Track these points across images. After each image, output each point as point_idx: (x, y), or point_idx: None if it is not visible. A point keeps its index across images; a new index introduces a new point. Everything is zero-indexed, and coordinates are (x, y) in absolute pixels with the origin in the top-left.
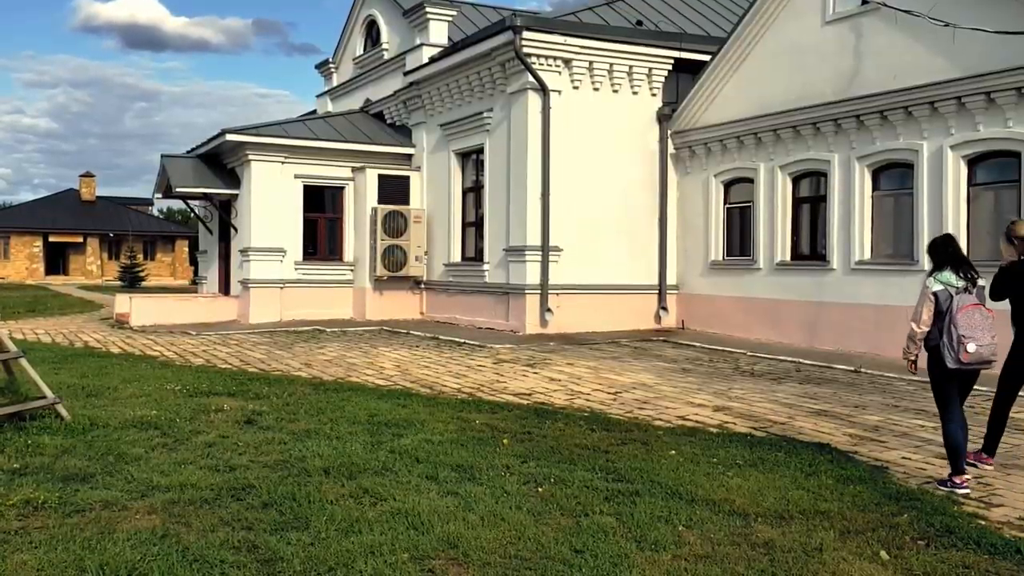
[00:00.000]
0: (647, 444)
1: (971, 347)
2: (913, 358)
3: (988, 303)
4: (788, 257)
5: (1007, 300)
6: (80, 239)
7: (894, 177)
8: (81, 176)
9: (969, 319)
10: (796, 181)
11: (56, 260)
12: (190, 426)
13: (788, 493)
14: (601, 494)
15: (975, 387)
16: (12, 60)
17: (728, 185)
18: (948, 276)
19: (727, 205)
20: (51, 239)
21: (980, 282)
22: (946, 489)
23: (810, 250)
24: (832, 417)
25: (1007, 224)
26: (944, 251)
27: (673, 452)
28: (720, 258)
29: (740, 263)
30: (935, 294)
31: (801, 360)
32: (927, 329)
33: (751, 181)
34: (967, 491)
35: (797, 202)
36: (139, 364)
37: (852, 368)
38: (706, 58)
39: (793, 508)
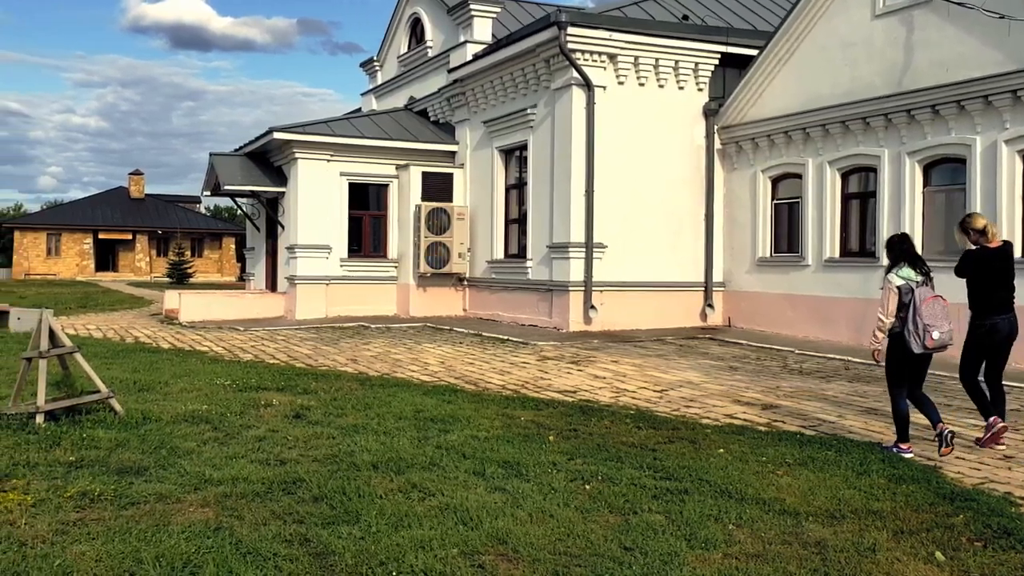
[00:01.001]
0: (695, 442)
1: (935, 334)
2: (880, 346)
3: (938, 292)
4: (837, 253)
5: (961, 294)
6: (129, 236)
7: (945, 172)
8: (130, 174)
9: (932, 310)
10: (845, 177)
11: (106, 257)
12: (240, 420)
13: (839, 492)
14: (649, 492)
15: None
16: (63, 60)
17: (776, 181)
18: (907, 271)
19: (775, 201)
20: (101, 236)
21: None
22: (894, 451)
23: (859, 246)
24: (883, 416)
25: (963, 217)
26: (901, 248)
27: (721, 450)
28: (767, 254)
29: (788, 260)
30: (898, 288)
31: (850, 358)
32: (893, 320)
33: (799, 177)
34: (911, 455)
35: (846, 198)
36: (189, 359)
37: None
38: (753, 52)
39: (845, 507)
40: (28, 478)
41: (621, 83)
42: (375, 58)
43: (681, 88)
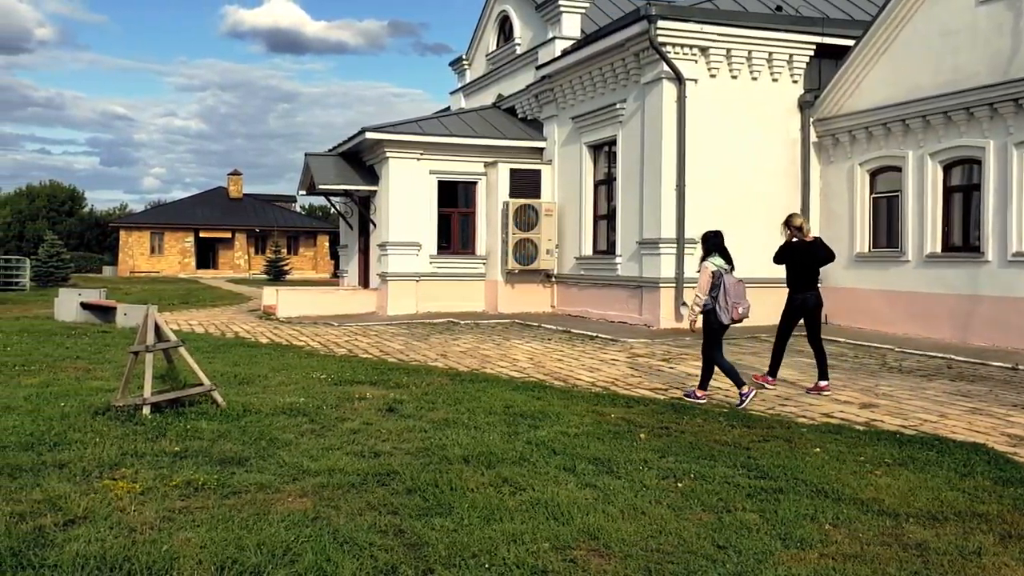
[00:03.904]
0: (790, 441)
1: (740, 309)
2: (694, 319)
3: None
4: (939, 248)
5: (783, 270)
6: (228, 234)
7: None
8: (229, 174)
9: (736, 290)
10: (947, 169)
11: (206, 254)
12: (336, 413)
13: (941, 494)
14: (743, 491)
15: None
16: (165, 65)
17: (874, 174)
18: (719, 260)
19: (873, 195)
20: (202, 235)
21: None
22: (691, 400)
23: (963, 241)
24: (988, 416)
25: (787, 216)
26: (714, 243)
27: (817, 450)
28: (865, 250)
29: (887, 255)
30: (713, 272)
31: (952, 356)
32: (707, 298)
33: (899, 170)
34: (702, 401)
35: (948, 191)
36: (286, 353)
37: (1009, 365)
38: (850, 43)
39: (947, 509)
40: (136, 467)
41: (713, 76)
42: (464, 57)
43: (775, 80)
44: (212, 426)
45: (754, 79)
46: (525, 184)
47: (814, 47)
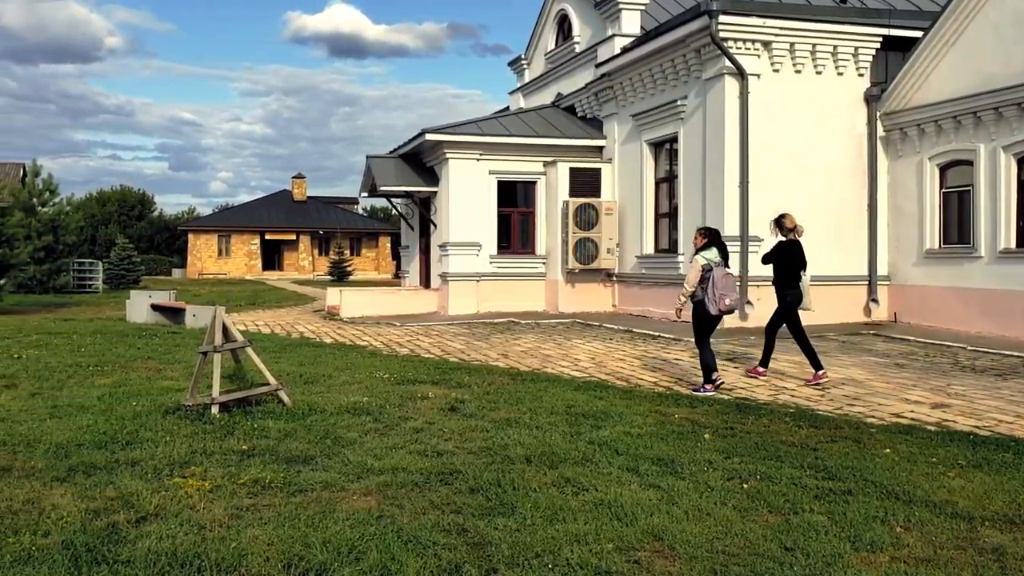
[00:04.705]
0: (859, 442)
1: (728, 301)
2: (680, 307)
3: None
4: (1013, 244)
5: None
6: (293, 236)
7: None
8: (293, 178)
9: (725, 282)
10: (1021, 162)
11: (271, 256)
12: (399, 412)
13: (1019, 496)
14: (811, 492)
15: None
16: (231, 72)
17: (944, 168)
18: (712, 254)
19: (943, 189)
20: (267, 237)
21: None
22: (699, 393)
23: None
24: None
25: (778, 216)
26: (710, 238)
27: (888, 450)
28: (936, 246)
29: (958, 251)
30: (703, 266)
31: None
32: (694, 288)
33: (970, 164)
34: (711, 393)
35: (1022, 185)
36: (350, 353)
37: None
38: (917, 34)
39: None
40: (205, 465)
41: (776, 71)
42: (522, 56)
43: (840, 74)
44: (278, 425)
45: (818, 73)
46: (585, 183)
47: (880, 39)
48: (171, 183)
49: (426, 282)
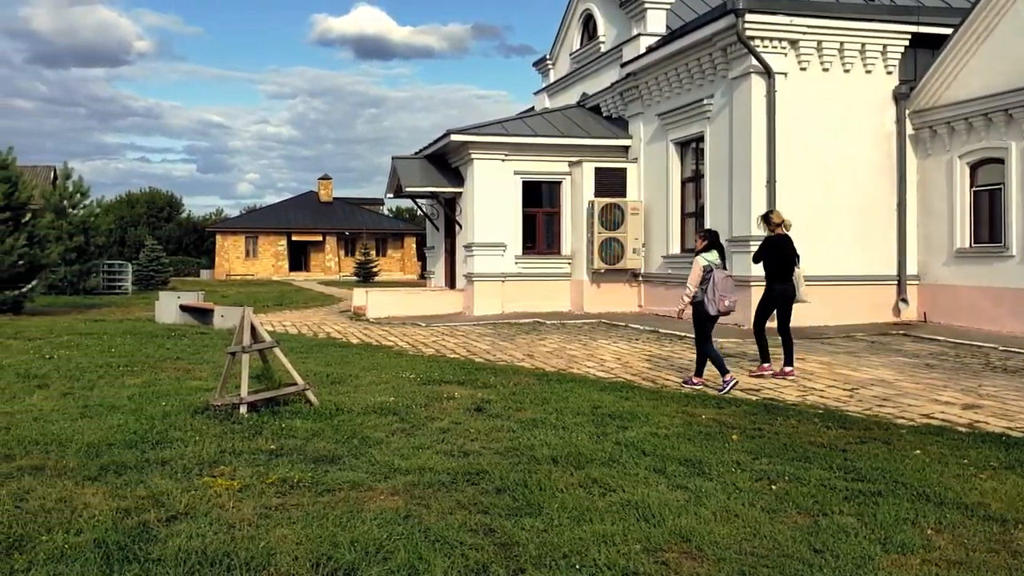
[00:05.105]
0: (889, 443)
1: (727, 302)
2: (683, 308)
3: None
4: None
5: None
6: (319, 237)
7: None
8: (319, 179)
9: (725, 284)
10: None
11: (298, 257)
12: (425, 412)
13: None
14: (840, 493)
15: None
16: (258, 74)
17: (975, 166)
18: (713, 256)
19: (974, 188)
20: (294, 238)
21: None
22: (688, 387)
23: None
24: None
25: (765, 211)
26: (711, 240)
27: (918, 452)
28: (967, 245)
29: (989, 250)
30: (704, 267)
31: None
32: (696, 289)
33: (1001, 161)
34: (699, 387)
35: None
36: (376, 353)
37: None
38: (947, 31)
39: None
40: (234, 465)
41: (803, 69)
42: (547, 57)
43: (868, 72)
44: (306, 425)
45: (846, 71)
46: (610, 183)
47: (909, 36)
48: (199, 185)
49: (451, 283)
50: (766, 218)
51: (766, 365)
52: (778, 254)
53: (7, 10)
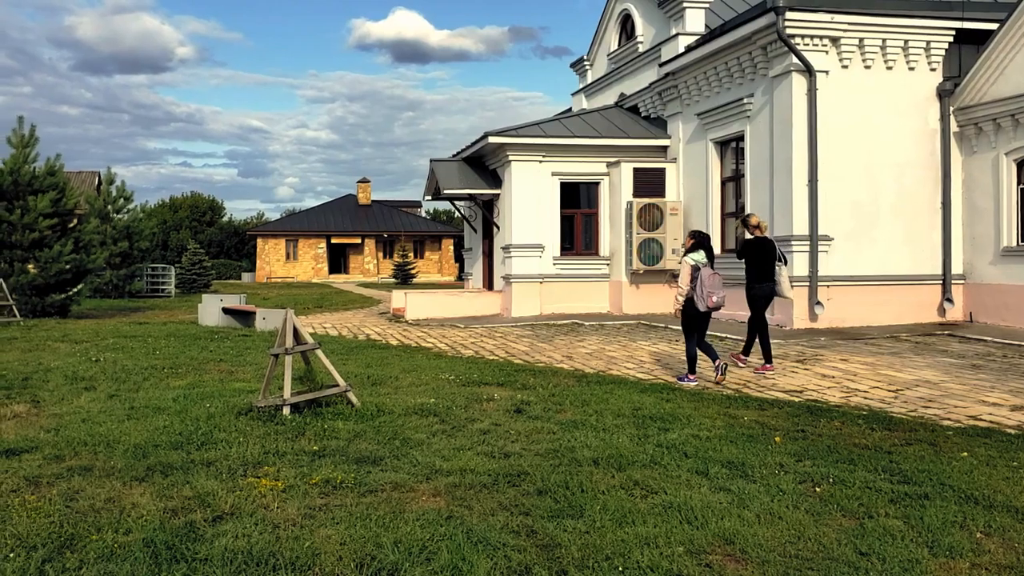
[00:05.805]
0: (935, 445)
1: (715, 298)
2: (679, 307)
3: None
4: None
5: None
6: (358, 240)
7: None
8: (358, 182)
9: (712, 281)
10: None
11: (337, 260)
12: (465, 414)
13: None
14: (886, 496)
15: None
16: (297, 79)
17: (1021, 164)
18: (700, 255)
19: (1021, 185)
20: (333, 241)
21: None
22: (683, 383)
23: None
24: None
25: (744, 215)
26: (698, 240)
27: (965, 454)
28: (1014, 244)
29: None
30: (692, 266)
31: None
32: (688, 288)
33: None
34: (696, 383)
35: None
36: (416, 355)
37: None
38: (992, 26)
39: None
40: (278, 466)
41: (845, 67)
42: (585, 57)
43: (911, 69)
44: (348, 426)
45: (888, 68)
46: (649, 183)
47: (953, 32)
48: (240, 189)
49: (489, 284)
50: (745, 222)
51: (768, 364)
52: (763, 255)
53: (53, 20)
